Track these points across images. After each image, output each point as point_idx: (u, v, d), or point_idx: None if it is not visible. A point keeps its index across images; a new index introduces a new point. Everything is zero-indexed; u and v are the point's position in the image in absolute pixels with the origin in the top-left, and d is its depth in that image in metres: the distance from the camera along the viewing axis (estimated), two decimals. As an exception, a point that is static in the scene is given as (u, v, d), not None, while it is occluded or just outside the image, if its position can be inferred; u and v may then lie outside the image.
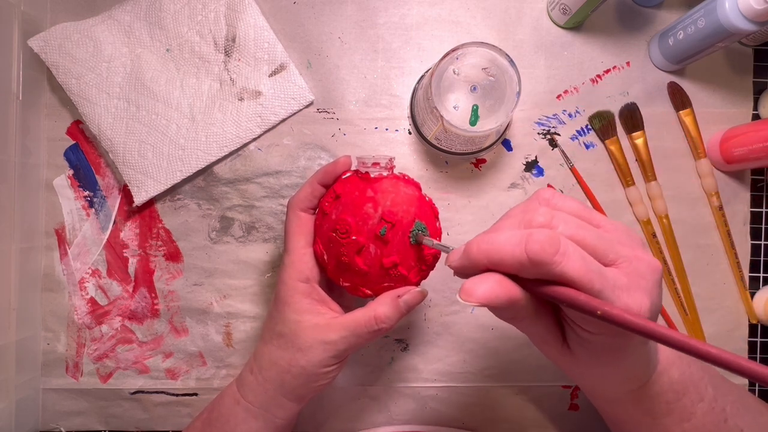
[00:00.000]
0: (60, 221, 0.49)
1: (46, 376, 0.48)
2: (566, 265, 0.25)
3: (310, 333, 0.37)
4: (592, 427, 0.49)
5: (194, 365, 0.49)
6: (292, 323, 0.38)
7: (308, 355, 0.37)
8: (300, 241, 0.39)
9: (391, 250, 0.36)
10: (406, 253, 0.37)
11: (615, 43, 0.49)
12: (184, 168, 0.47)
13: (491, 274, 0.27)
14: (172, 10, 0.48)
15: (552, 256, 0.25)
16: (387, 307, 0.37)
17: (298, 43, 0.49)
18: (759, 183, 0.50)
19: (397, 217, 0.36)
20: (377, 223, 0.36)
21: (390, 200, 0.36)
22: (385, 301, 0.37)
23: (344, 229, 0.36)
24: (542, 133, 0.49)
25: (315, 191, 0.39)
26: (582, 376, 0.34)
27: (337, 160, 0.40)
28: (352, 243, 0.36)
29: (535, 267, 0.26)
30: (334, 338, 0.37)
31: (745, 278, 0.50)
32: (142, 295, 0.49)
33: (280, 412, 0.40)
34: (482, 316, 0.49)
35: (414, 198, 0.37)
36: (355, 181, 0.38)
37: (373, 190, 0.37)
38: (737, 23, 0.40)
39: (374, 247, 0.36)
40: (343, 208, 0.37)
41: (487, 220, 0.49)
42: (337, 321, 0.37)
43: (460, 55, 0.41)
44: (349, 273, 0.38)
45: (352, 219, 0.36)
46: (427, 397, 0.49)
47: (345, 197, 0.37)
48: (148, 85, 0.47)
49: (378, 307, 0.37)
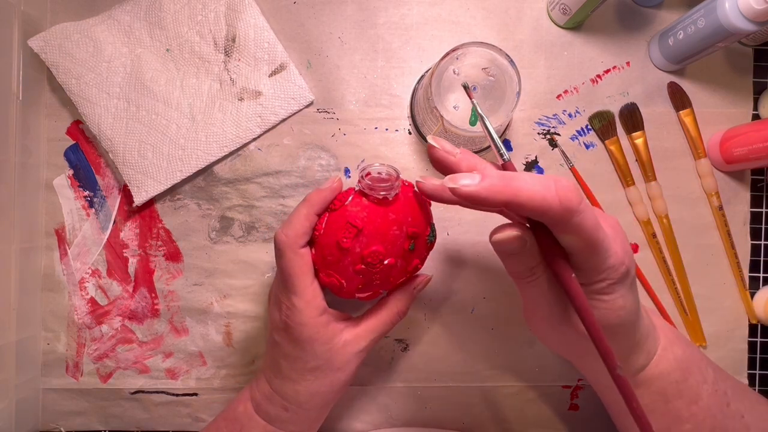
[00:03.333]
0: (60, 221, 0.49)
1: (46, 376, 0.48)
2: (584, 216, 0.28)
3: (343, 351, 0.39)
4: (592, 427, 0.49)
5: (194, 365, 0.49)
6: (326, 353, 0.38)
7: (347, 370, 0.39)
8: (307, 280, 0.37)
9: (415, 256, 0.39)
10: (423, 253, 0.40)
11: (615, 43, 0.49)
12: (184, 168, 0.47)
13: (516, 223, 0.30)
14: (172, 10, 0.48)
15: (578, 204, 0.27)
16: (406, 302, 0.42)
17: (298, 43, 0.49)
18: (759, 183, 0.50)
19: (420, 230, 0.38)
20: (404, 241, 0.37)
21: (411, 216, 0.37)
22: (403, 297, 0.41)
23: (377, 260, 0.37)
24: (542, 133, 0.49)
25: (312, 224, 0.37)
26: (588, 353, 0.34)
27: (331, 185, 0.37)
28: (385, 268, 0.37)
29: (563, 211, 0.27)
30: (364, 345, 0.39)
31: (745, 278, 0.50)
32: (142, 295, 0.49)
33: (317, 424, 0.42)
34: (482, 317, 0.49)
35: (421, 202, 0.39)
36: (372, 209, 0.36)
37: (394, 212, 0.36)
38: (737, 23, 0.40)
39: (401, 261, 0.38)
40: (369, 240, 0.36)
41: (487, 219, 0.49)
42: (362, 328, 0.39)
43: (460, 55, 0.41)
44: (373, 286, 0.39)
45: (382, 247, 0.37)
46: (427, 397, 0.49)
47: (368, 227, 0.36)
48: (148, 85, 0.47)
49: (398, 304, 0.41)
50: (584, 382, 0.49)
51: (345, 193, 0.37)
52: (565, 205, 0.27)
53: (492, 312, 0.49)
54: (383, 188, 0.36)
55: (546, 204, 0.27)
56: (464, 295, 0.49)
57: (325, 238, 0.37)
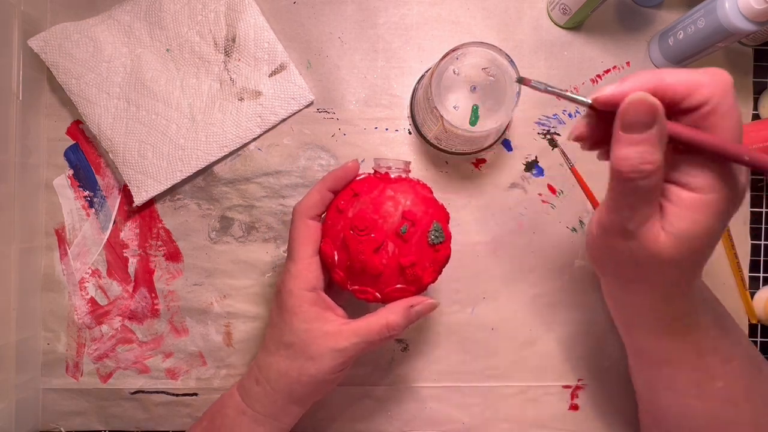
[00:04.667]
0: (60, 221, 0.49)
1: (46, 376, 0.48)
2: (733, 114, 0.28)
3: (321, 341, 0.37)
4: (592, 427, 0.49)
5: (194, 365, 0.49)
6: (302, 333, 0.37)
7: (318, 363, 0.37)
8: (308, 250, 0.38)
9: (410, 250, 0.37)
10: (422, 253, 0.37)
11: (615, 43, 0.49)
12: (184, 168, 0.47)
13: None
14: (172, 10, 0.48)
15: (734, 98, 0.28)
16: (399, 316, 0.37)
17: (298, 43, 0.49)
18: (759, 183, 0.50)
19: (417, 216, 0.37)
20: (398, 221, 0.36)
21: (410, 200, 0.37)
22: (397, 310, 0.37)
23: (363, 225, 0.36)
24: (542, 133, 0.49)
25: (324, 198, 0.39)
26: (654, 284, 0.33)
27: (346, 165, 0.39)
28: (371, 240, 0.36)
29: (719, 102, 0.27)
30: (344, 345, 0.37)
31: (745, 278, 0.50)
32: (142, 295, 0.49)
33: (288, 419, 0.40)
34: (482, 316, 0.49)
35: (431, 200, 0.39)
36: (373, 181, 0.39)
37: (393, 189, 0.38)
38: (737, 23, 0.40)
39: (393, 245, 0.37)
40: (363, 206, 0.37)
41: (488, 220, 0.49)
42: (347, 328, 0.37)
43: (460, 55, 0.41)
44: (362, 275, 0.38)
45: (372, 216, 0.36)
46: (427, 397, 0.49)
47: (364, 195, 0.38)
48: (148, 85, 0.47)
49: (389, 315, 0.37)
50: (584, 382, 0.49)
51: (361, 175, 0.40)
52: (723, 83, 0.28)
53: (492, 312, 0.49)
54: (387, 166, 0.39)
55: (691, 81, 0.28)
56: (464, 295, 0.49)
57: (331, 209, 0.39)
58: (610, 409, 0.49)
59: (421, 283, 0.38)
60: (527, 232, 0.49)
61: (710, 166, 0.28)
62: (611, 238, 0.32)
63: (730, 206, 0.29)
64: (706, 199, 0.28)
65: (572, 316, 0.49)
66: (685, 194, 0.29)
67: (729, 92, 0.28)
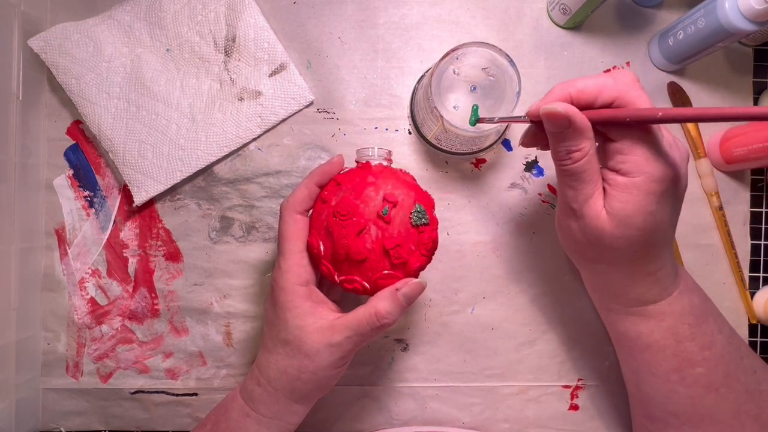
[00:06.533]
0: (60, 221, 0.49)
1: (46, 376, 0.48)
2: (642, 98, 0.33)
3: (316, 337, 0.37)
4: (592, 427, 0.49)
5: (194, 365, 0.49)
6: (296, 329, 0.37)
7: (316, 360, 0.37)
8: (297, 245, 0.39)
9: (392, 232, 0.37)
10: (407, 235, 0.37)
11: (615, 43, 0.49)
12: (184, 168, 0.47)
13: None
14: (172, 10, 0.48)
15: (640, 88, 0.33)
16: (387, 301, 0.36)
17: (298, 43, 0.49)
18: (759, 183, 0.50)
19: (398, 199, 0.37)
20: (380, 204, 0.37)
21: (391, 184, 0.38)
22: (384, 296, 0.37)
23: (345, 210, 0.37)
24: (542, 133, 0.49)
25: (312, 193, 0.39)
26: (612, 263, 0.37)
27: (332, 159, 0.40)
28: (353, 224, 0.36)
29: (625, 92, 0.33)
30: (339, 339, 0.37)
31: (745, 278, 0.50)
32: (142, 295, 0.49)
33: (292, 419, 0.40)
34: (482, 316, 0.49)
35: (413, 185, 0.39)
36: (355, 170, 0.40)
37: (374, 176, 0.38)
38: (737, 23, 0.40)
39: (375, 228, 0.37)
40: (345, 194, 0.38)
41: (488, 220, 0.49)
42: (339, 322, 0.37)
43: (460, 55, 0.41)
44: (347, 262, 0.37)
45: (354, 201, 0.37)
46: (427, 397, 0.49)
47: (346, 184, 0.38)
48: (148, 85, 0.47)
49: (378, 303, 0.36)
50: (584, 382, 0.49)
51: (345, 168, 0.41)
52: (630, 83, 0.34)
53: (492, 312, 0.49)
54: (369, 155, 0.40)
55: (604, 87, 0.33)
56: (464, 295, 0.49)
57: (316, 202, 0.40)
58: (609, 409, 0.49)
59: (409, 267, 0.38)
60: (527, 232, 0.49)
61: (635, 151, 0.33)
62: (565, 219, 0.37)
63: (663, 186, 0.33)
64: (635, 181, 0.33)
65: (572, 316, 0.49)
66: (619, 178, 0.34)
67: (632, 85, 0.34)
